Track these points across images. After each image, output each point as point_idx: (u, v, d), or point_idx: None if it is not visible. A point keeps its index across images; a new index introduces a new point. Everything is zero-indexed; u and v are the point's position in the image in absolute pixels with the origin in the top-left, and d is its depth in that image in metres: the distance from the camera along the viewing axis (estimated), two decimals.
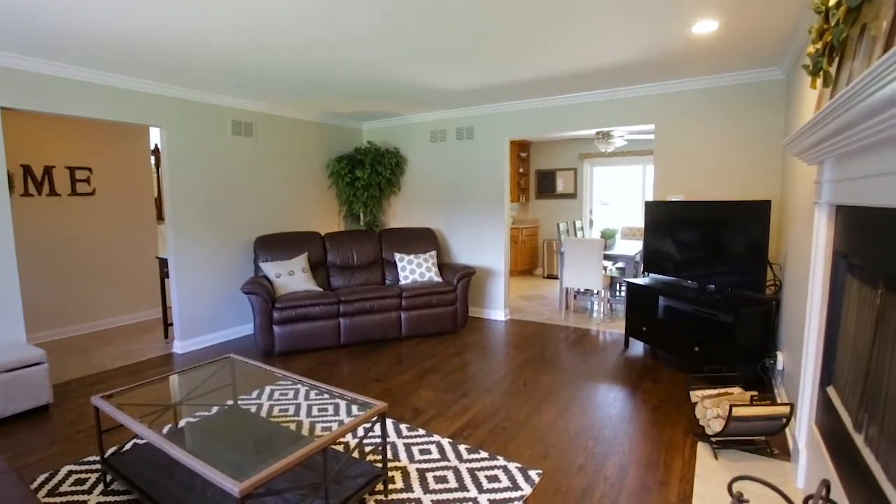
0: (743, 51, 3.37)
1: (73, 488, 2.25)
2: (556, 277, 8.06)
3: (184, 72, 3.69)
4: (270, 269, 4.47)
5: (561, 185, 8.30)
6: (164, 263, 4.54)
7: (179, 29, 2.81)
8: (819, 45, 1.53)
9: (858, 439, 1.60)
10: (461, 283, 4.82)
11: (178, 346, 4.31)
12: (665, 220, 4.16)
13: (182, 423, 2.70)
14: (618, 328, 5.01)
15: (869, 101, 1.22)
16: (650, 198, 7.63)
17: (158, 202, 5.77)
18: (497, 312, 5.45)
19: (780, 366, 3.14)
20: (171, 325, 4.59)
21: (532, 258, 8.51)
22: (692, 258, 3.90)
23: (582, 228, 7.08)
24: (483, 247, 5.47)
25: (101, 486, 2.25)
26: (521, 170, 8.38)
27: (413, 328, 4.64)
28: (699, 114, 4.20)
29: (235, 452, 2.14)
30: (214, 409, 2.74)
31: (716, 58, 3.53)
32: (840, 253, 1.99)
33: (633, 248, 5.98)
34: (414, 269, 4.97)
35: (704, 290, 3.79)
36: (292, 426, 2.83)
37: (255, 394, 3.32)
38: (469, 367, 3.90)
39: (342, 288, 4.74)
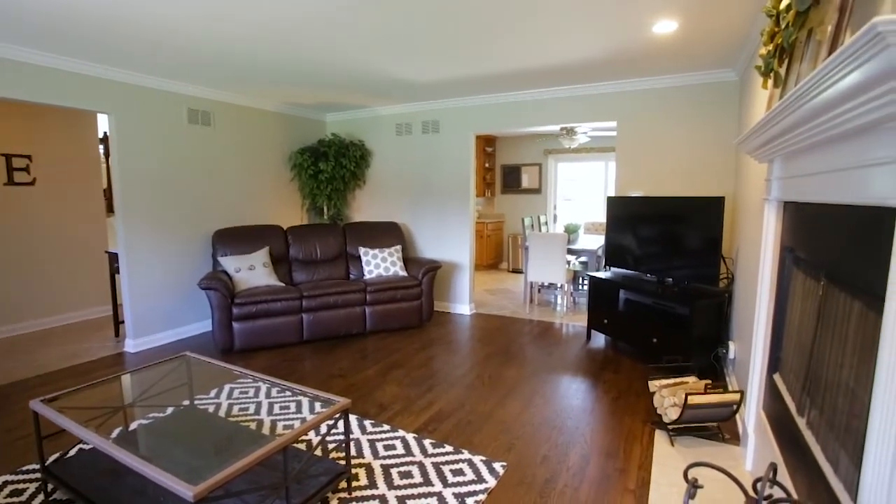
0: (700, 52, 3.48)
1: (10, 500, 2.11)
2: (521, 272, 8.16)
3: (133, 56, 3.51)
4: (230, 263, 4.32)
5: (526, 180, 8.39)
6: (114, 258, 4.32)
7: (129, 9, 2.66)
8: (770, 47, 1.59)
9: (801, 423, 1.68)
10: (426, 277, 4.80)
11: (131, 345, 4.12)
12: (626, 215, 4.27)
13: (134, 426, 2.58)
14: (580, 321, 5.12)
15: (812, 103, 1.28)
16: (612, 193, 7.83)
17: (109, 194, 5.48)
18: (462, 307, 5.47)
19: (731, 355, 3.28)
20: (123, 322, 4.38)
21: (497, 252, 8.58)
22: (651, 252, 4.02)
23: (546, 223, 7.18)
24: (449, 241, 5.47)
25: (41, 496, 2.12)
26: (486, 164, 8.42)
27: (378, 323, 4.60)
28: (659, 112, 4.32)
29: (191, 454, 2.06)
30: (169, 410, 2.63)
31: (675, 58, 3.63)
32: (787, 247, 2.09)
33: (596, 242, 6.12)
34: (379, 264, 4.92)
35: (663, 283, 3.91)
36: (252, 425, 2.76)
37: (213, 393, 3.21)
38: (434, 361, 3.89)
39: (305, 283, 4.64)
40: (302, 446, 2.50)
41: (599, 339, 4.48)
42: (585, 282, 6.28)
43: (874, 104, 1.01)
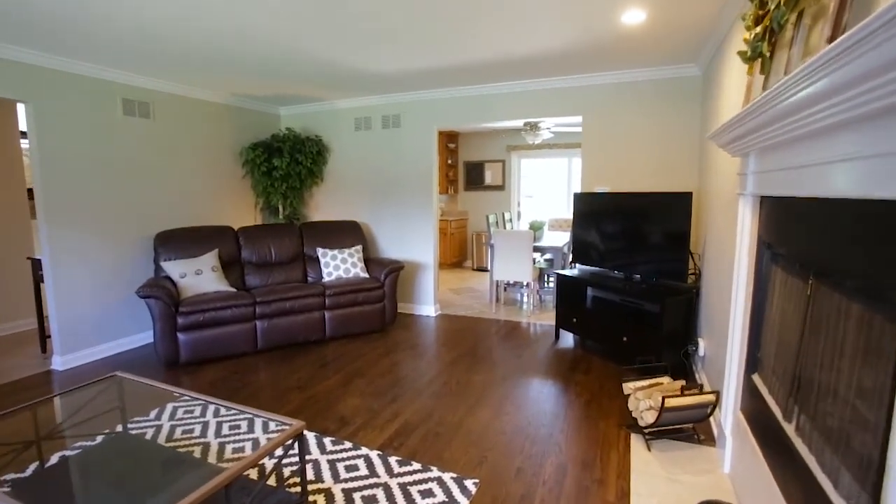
0: (666, 45, 3.42)
1: None
2: (485, 270, 8.05)
3: (54, 37, 3.12)
4: (174, 268, 3.96)
5: (489, 176, 8.28)
6: (38, 265, 3.87)
7: None
8: (758, 30, 1.48)
9: (789, 429, 1.60)
10: (389, 278, 4.58)
11: (59, 362, 3.70)
12: (592, 211, 4.20)
13: (54, 460, 2.25)
14: (548, 319, 5.03)
15: (813, 89, 1.17)
16: (577, 189, 7.82)
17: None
18: (427, 308, 5.28)
19: (701, 352, 3.24)
20: (50, 336, 3.95)
21: (461, 250, 8.44)
22: (618, 249, 3.96)
23: (511, 220, 7.09)
24: (412, 240, 5.27)
25: None
26: (449, 161, 8.25)
27: (338, 328, 4.35)
28: (623, 107, 4.26)
29: (117, 495, 1.78)
30: (99, 439, 2.32)
31: (641, 51, 3.56)
32: (765, 243, 2.02)
33: (561, 239, 6.07)
34: (338, 265, 4.66)
35: (630, 280, 3.86)
36: (197, 450, 2.48)
37: (153, 413, 2.89)
38: (399, 368, 3.69)
39: (259, 287, 4.33)
40: (255, 471, 2.25)
41: (568, 339, 4.39)
42: (551, 279, 6.22)
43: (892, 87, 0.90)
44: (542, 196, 8.23)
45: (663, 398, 2.36)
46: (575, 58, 3.75)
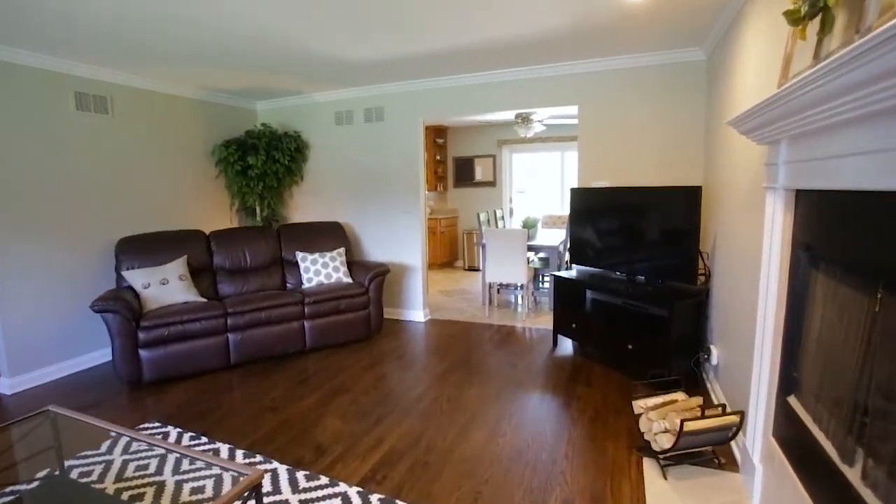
0: (669, 26, 3.13)
1: None
2: (477, 270, 7.75)
3: None
4: (136, 278, 3.61)
5: (480, 172, 7.98)
6: None
7: None
8: None
9: (852, 475, 1.31)
10: (374, 283, 4.27)
11: (6, 385, 3.34)
12: (591, 207, 3.91)
13: None
14: (544, 323, 4.75)
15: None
16: (571, 185, 7.54)
17: None
18: (416, 313, 4.97)
19: (714, 360, 2.97)
20: None
21: (452, 250, 8.14)
22: (619, 248, 3.68)
23: (503, 218, 6.80)
24: (398, 241, 4.95)
25: None
26: (437, 157, 7.94)
27: (320, 339, 4.02)
28: (622, 95, 3.97)
29: None
30: (35, 484, 1.99)
31: (641, 34, 3.27)
32: (802, 244, 1.73)
33: (556, 237, 5.78)
34: (319, 270, 4.33)
35: (633, 281, 3.58)
36: (150, 492, 2.15)
37: (104, 446, 2.55)
38: (385, 382, 3.38)
39: (232, 296, 3.99)
40: None
41: (567, 345, 4.11)
42: (546, 280, 5.94)
43: None
44: (535, 192, 7.95)
45: (682, 422, 2.07)
46: (571, 41, 3.45)
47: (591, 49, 3.66)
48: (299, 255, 4.43)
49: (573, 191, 4.04)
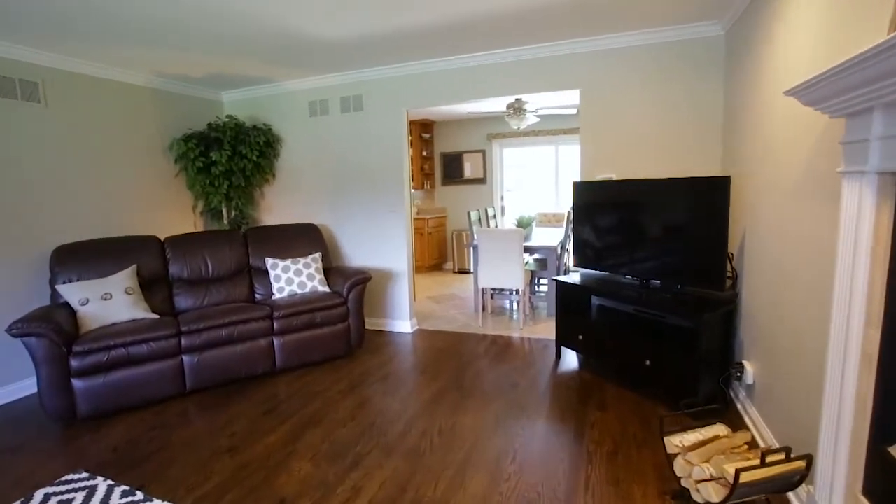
0: None
1: None
2: (468, 272, 7.30)
3: None
4: (73, 292, 3.09)
5: (469, 168, 7.52)
6: None
7: None
8: None
9: None
10: (354, 292, 3.78)
11: None
12: (596, 203, 3.47)
13: None
14: (543, 332, 4.31)
15: None
16: (567, 180, 7.13)
17: None
18: (402, 323, 4.50)
19: (749, 379, 2.54)
20: None
21: (440, 251, 7.67)
22: (631, 248, 3.25)
23: (494, 216, 6.35)
24: (381, 244, 4.47)
25: None
26: (424, 153, 7.46)
27: (292, 357, 3.53)
28: (628, 77, 3.54)
29: None
30: None
31: (650, 4, 2.84)
32: None
33: (552, 236, 5.35)
34: (292, 279, 3.84)
35: (647, 286, 3.15)
36: None
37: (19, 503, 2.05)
38: (365, 410, 2.91)
39: (190, 311, 3.48)
40: None
41: (571, 358, 3.67)
42: (543, 283, 5.50)
43: None
44: (528, 189, 7.51)
45: (737, 472, 1.63)
46: (571, 16, 3.00)
47: (594, 25, 3.22)
48: (269, 262, 3.93)
49: (576, 185, 3.60)
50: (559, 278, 3.60)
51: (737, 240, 2.89)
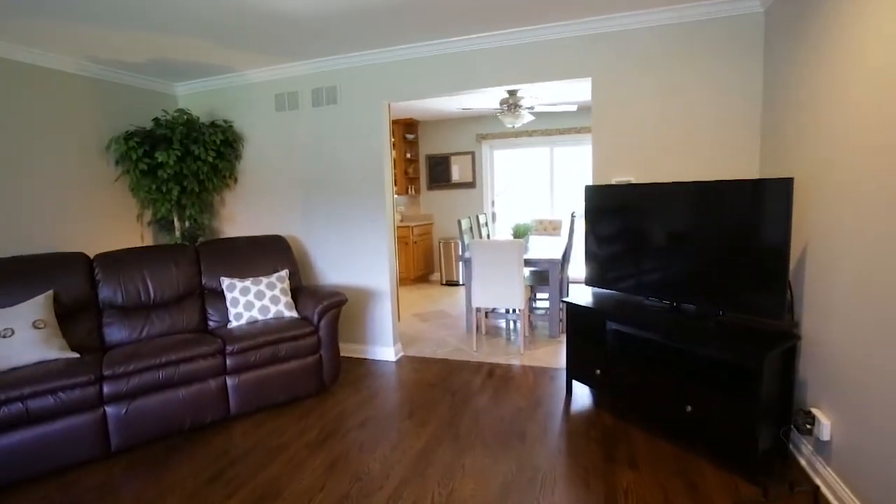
0: None
1: None
2: (456, 284, 6.73)
3: None
4: None
5: (457, 172, 6.96)
6: None
7: None
8: None
9: None
10: (326, 317, 3.18)
11: None
12: (613, 211, 2.94)
13: None
14: (547, 358, 3.76)
15: None
16: (562, 184, 6.63)
17: None
18: (385, 350, 3.89)
19: (825, 434, 2.01)
20: None
21: (427, 262, 7.09)
22: (657, 266, 2.71)
23: (486, 224, 5.80)
24: (360, 258, 3.87)
25: None
26: (408, 155, 6.89)
27: (250, 400, 2.90)
28: (650, 63, 3.02)
29: None
30: None
31: None
32: None
33: (551, 246, 4.82)
34: (252, 302, 3.22)
35: (679, 311, 2.62)
36: None
37: None
38: (338, 474, 2.30)
39: (123, 346, 2.83)
40: None
41: (583, 393, 3.12)
42: (543, 298, 4.96)
43: None
44: (521, 193, 6.97)
45: None
46: None
47: (608, 1, 2.70)
48: (226, 283, 3.30)
49: (589, 190, 3.06)
50: (570, 300, 3.05)
51: (796, 256, 2.38)
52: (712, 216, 2.44)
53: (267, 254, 3.59)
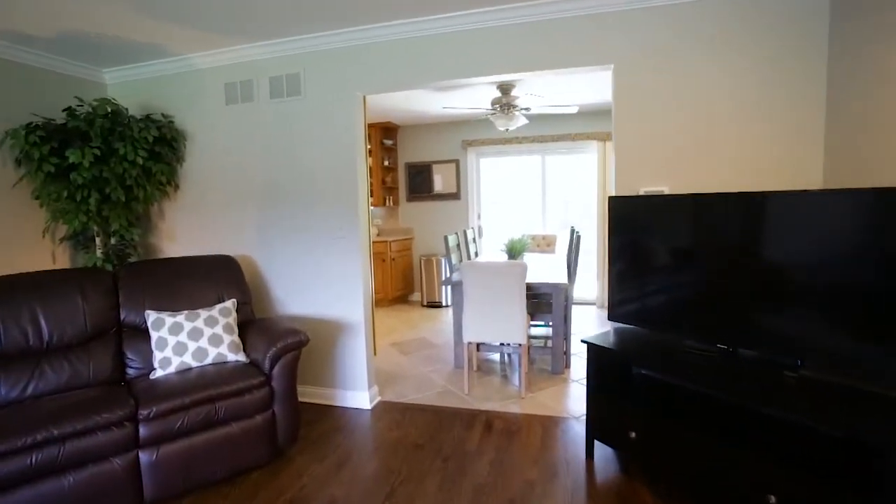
0: None
1: None
2: (439, 305, 6.06)
3: None
4: None
5: (439, 182, 6.33)
6: None
7: None
8: None
9: None
10: (282, 362, 2.47)
11: None
12: (648, 228, 2.34)
13: None
14: (553, 403, 3.12)
15: None
16: (554, 195, 6.07)
17: None
18: (358, 396, 3.18)
19: None
20: None
21: (406, 281, 6.40)
22: (708, 300, 2.12)
23: (474, 240, 5.17)
24: (329, 283, 3.17)
25: None
26: (386, 162, 6.23)
27: (174, 481, 2.16)
28: (688, 47, 2.46)
29: None
30: None
31: None
32: None
33: (549, 266, 4.22)
34: (184, 344, 2.48)
35: (734, 357, 2.03)
36: None
37: None
38: None
39: None
40: None
41: (606, 455, 2.48)
42: (539, 327, 4.33)
43: None
44: (510, 205, 6.38)
45: None
46: None
47: None
48: (152, 318, 2.55)
49: (616, 202, 2.46)
50: (593, 341, 2.42)
51: None
52: (786, 236, 1.86)
53: (210, 279, 2.87)
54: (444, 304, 6.02)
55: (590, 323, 5.10)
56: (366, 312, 3.15)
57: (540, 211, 6.13)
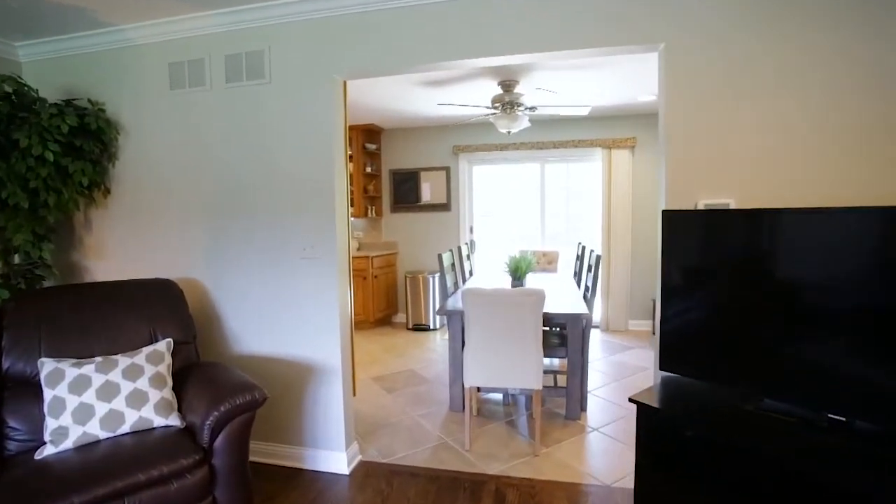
0: None
1: None
2: (426, 328, 5.43)
3: None
4: None
5: (428, 191, 5.73)
6: None
7: None
8: None
9: None
10: (228, 430, 1.81)
11: None
12: (716, 252, 1.78)
13: None
14: (575, 462, 2.52)
15: None
16: (555, 207, 5.53)
17: None
18: (333, 457, 2.52)
19: None
20: None
21: (389, 300, 5.76)
22: (804, 345, 1.56)
23: (469, 256, 4.58)
24: (297, 314, 2.52)
25: None
26: (368, 169, 5.61)
27: None
28: (763, 21, 1.93)
29: None
30: None
31: None
32: None
33: (557, 289, 3.65)
34: (89, 407, 1.80)
35: (851, 428, 1.47)
36: None
37: None
38: None
39: None
40: None
41: None
42: (551, 364, 3.74)
43: None
44: (506, 218, 5.82)
45: None
46: None
47: None
48: (48, 368, 1.86)
49: (669, 217, 1.90)
50: (643, 400, 1.83)
51: None
52: None
53: (140, 311, 2.19)
54: (431, 326, 5.39)
55: (595, 350, 4.54)
56: (344, 352, 2.51)
57: (539, 224, 5.58)
